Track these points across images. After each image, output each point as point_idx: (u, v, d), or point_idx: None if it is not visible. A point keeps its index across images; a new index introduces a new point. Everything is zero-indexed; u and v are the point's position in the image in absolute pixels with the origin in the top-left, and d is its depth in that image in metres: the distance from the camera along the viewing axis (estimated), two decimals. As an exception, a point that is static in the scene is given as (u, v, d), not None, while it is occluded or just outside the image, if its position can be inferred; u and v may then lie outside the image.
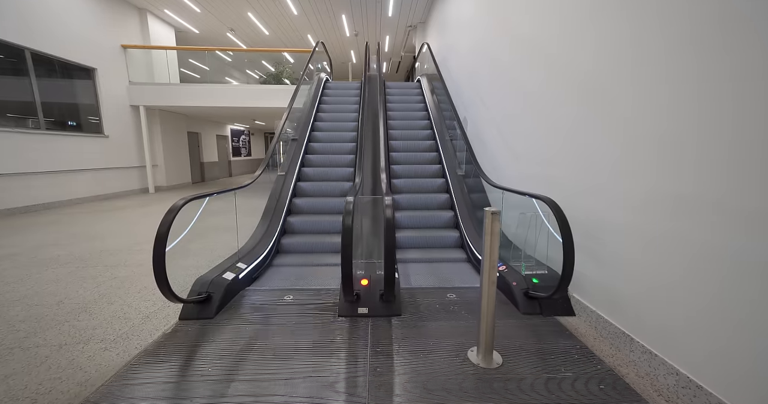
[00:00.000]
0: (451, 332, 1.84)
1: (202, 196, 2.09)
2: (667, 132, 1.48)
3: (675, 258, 1.43)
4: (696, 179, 1.34)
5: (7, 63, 5.42)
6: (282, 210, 3.58)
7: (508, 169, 3.43)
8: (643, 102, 1.62)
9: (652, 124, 1.56)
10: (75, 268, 2.91)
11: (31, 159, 5.59)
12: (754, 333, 1.14)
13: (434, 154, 4.69)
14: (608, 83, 1.85)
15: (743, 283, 1.17)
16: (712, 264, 1.28)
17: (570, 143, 2.21)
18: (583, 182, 2.04)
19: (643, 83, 1.62)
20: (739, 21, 1.20)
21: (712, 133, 1.28)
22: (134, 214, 5.43)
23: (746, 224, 1.16)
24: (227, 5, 8.03)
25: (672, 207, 1.45)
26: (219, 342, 1.76)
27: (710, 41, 1.29)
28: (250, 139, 16.13)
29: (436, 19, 7.86)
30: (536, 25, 2.88)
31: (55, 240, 3.81)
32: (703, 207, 1.31)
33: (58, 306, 2.20)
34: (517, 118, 3.18)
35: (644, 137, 1.59)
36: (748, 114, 1.17)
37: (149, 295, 2.39)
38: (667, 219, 1.47)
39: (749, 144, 1.16)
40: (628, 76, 1.71)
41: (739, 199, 1.18)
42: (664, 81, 1.50)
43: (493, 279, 1.51)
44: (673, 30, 1.46)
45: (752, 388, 1.14)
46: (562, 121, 2.35)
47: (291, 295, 2.35)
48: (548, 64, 2.56)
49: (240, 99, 7.73)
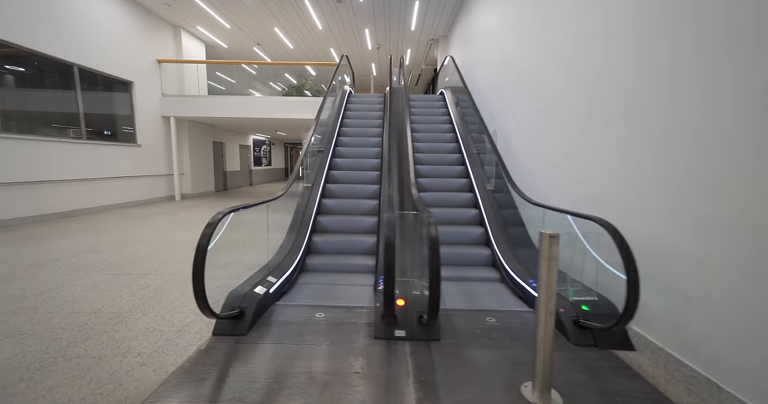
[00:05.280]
0: (498, 362, 1.72)
1: (238, 208, 2.08)
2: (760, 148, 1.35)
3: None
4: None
5: (57, 78, 5.80)
6: (307, 227, 3.53)
7: (542, 184, 3.31)
8: (712, 114, 1.50)
9: (733, 141, 1.44)
10: (110, 275, 2.97)
11: (74, 167, 5.89)
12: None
13: (461, 167, 4.61)
14: (669, 95, 1.74)
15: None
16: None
17: (617, 159, 2.09)
18: (641, 203, 1.91)
19: (709, 97, 1.51)
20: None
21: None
22: (163, 222, 5.57)
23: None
24: (256, 21, 8.38)
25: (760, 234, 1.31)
26: (253, 363, 1.71)
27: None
28: (270, 149, 16.54)
29: (459, 33, 7.91)
30: (573, 35, 2.81)
31: (92, 246, 3.93)
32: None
33: (96, 315, 2.23)
34: (553, 132, 3.08)
35: (729, 154, 1.46)
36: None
37: (181, 307, 2.39)
38: (756, 249, 1.33)
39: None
40: (690, 90, 1.60)
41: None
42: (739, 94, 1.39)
43: (551, 311, 1.40)
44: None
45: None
46: (606, 137, 2.23)
47: (322, 313, 2.29)
48: (593, 80, 2.47)
49: (266, 110, 7.95)
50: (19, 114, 5.23)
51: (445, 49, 9.30)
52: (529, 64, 3.76)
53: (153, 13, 7.79)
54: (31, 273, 2.99)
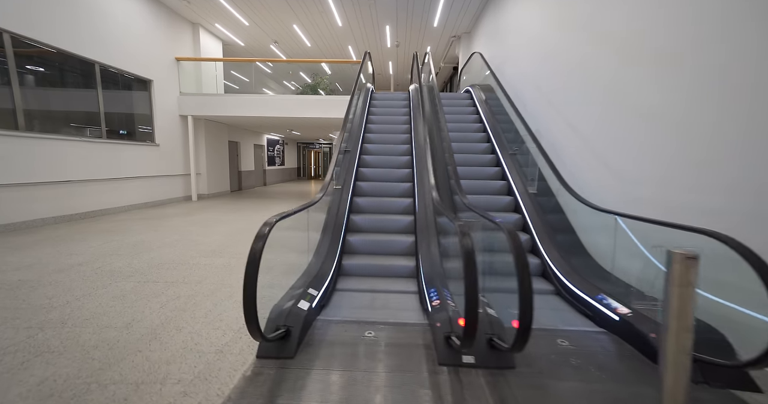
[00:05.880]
0: (593, 400, 1.47)
1: (284, 216, 1.87)
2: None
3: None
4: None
5: (79, 76, 5.73)
6: (341, 227, 3.36)
7: (601, 187, 3.03)
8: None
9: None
10: (137, 283, 2.81)
11: (94, 166, 5.81)
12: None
13: (496, 168, 4.35)
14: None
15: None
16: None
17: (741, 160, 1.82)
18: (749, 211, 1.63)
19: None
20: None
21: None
22: (182, 223, 5.44)
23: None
24: (275, 18, 8.23)
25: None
26: (306, 393, 1.50)
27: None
28: (284, 149, 16.46)
29: (486, 29, 7.61)
30: (637, 18, 2.53)
31: (115, 249, 3.80)
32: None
33: (128, 330, 2.05)
34: (617, 127, 2.80)
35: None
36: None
37: (216, 321, 2.20)
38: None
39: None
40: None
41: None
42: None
43: (686, 348, 1.15)
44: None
45: None
46: (694, 130, 1.96)
47: (372, 331, 2.06)
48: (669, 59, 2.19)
49: (283, 109, 7.78)
50: (42, 113, 5.15)
51: (468, 46, 9.00)
52: (578, 58, 3.48)
53: (172, 10, 7.70)
54: (56, 279, 2.84)
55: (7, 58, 4.53)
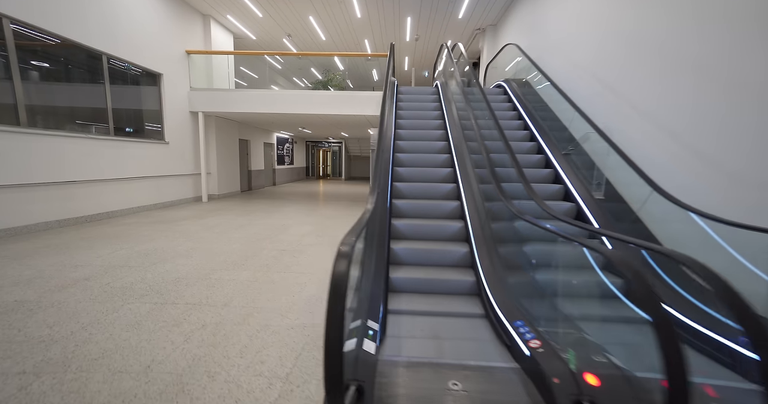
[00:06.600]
0: None
1: (360, 233, 1.42)
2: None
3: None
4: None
5: (85, 69, 5.32)
6: (385, 234, 2.91)
7: (704, 192, 2.54)
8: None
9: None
10: (153, 306, 2.38)
11: (101, 166, 5.40)
12: None
13: (548, 170, 3.88)
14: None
15: None
16: None
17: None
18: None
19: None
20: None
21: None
22: (195, 228, 5.02)
23: None
24: (290, 9, 7.78)
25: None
26: None
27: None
28: (293, 148, 16.05)
29: (518, 19, 7.11)
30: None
31: (124, 259, 3.37)
32: None
33: (147, 377, 1.61)
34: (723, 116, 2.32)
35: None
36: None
37: (256, 364, 1.76)
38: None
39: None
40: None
41: None
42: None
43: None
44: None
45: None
46: None
47: (456, 381, 1.61)
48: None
49: (296, 105, 7.33)
50: (47, 109, 4.74)
51: (494, 39, 8.50)
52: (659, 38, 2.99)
53: (183, 0, 7.28)
54: (59, 299, 2.42)
55: (7, 49, 4.12)
